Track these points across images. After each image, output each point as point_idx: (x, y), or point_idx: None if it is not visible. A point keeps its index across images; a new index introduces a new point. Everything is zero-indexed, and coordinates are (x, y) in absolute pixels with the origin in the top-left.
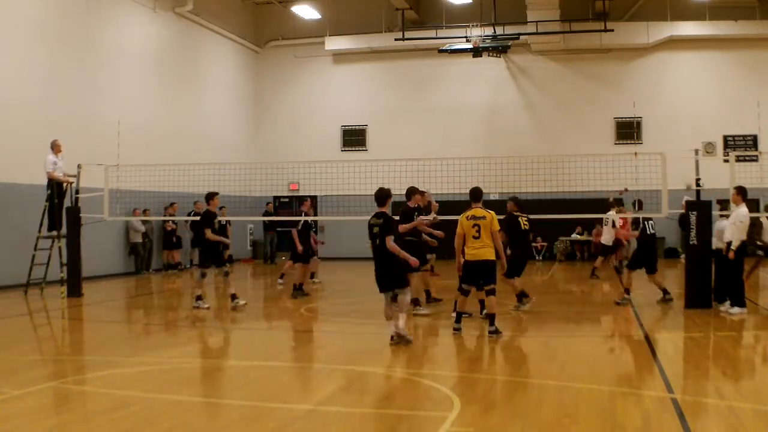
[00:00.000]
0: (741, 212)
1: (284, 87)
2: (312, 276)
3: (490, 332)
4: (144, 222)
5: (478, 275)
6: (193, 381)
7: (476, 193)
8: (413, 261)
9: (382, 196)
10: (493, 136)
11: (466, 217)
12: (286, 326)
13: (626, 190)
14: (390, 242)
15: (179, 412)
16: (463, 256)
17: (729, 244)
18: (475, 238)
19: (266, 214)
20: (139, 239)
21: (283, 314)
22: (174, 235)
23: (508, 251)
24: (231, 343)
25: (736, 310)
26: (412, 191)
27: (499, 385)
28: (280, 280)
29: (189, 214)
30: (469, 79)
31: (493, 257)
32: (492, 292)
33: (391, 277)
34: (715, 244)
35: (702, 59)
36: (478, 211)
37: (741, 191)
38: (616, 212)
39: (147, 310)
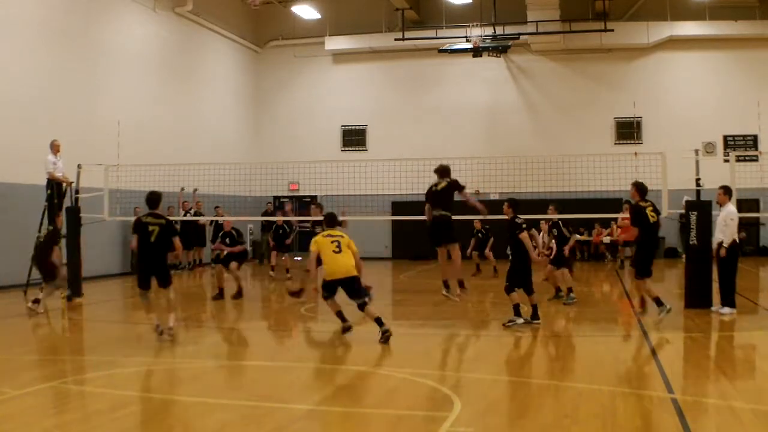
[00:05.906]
0: (730, 211)
1: (284, 87)
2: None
3: (383, 333)
4: None
5: (338, 289)
6: (192, 381)
7: (332, 218)
8: None
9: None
10: (493, 136)
11: (322, 236)
12: (285, 326)
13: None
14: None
15: (179, 412)
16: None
17: (720, 243)
18: (335, 252)
19: (266, 214)
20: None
21: (283, 314)
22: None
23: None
24: (231, 344)
25: (726, 310)
26: None
27: (499, 385)
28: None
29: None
30: (469, 79)
31: (356, 272)
32: (364, 306)
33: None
34: None
35: (702, 59)
36: (334, 230)
37: (727, 191)
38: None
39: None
